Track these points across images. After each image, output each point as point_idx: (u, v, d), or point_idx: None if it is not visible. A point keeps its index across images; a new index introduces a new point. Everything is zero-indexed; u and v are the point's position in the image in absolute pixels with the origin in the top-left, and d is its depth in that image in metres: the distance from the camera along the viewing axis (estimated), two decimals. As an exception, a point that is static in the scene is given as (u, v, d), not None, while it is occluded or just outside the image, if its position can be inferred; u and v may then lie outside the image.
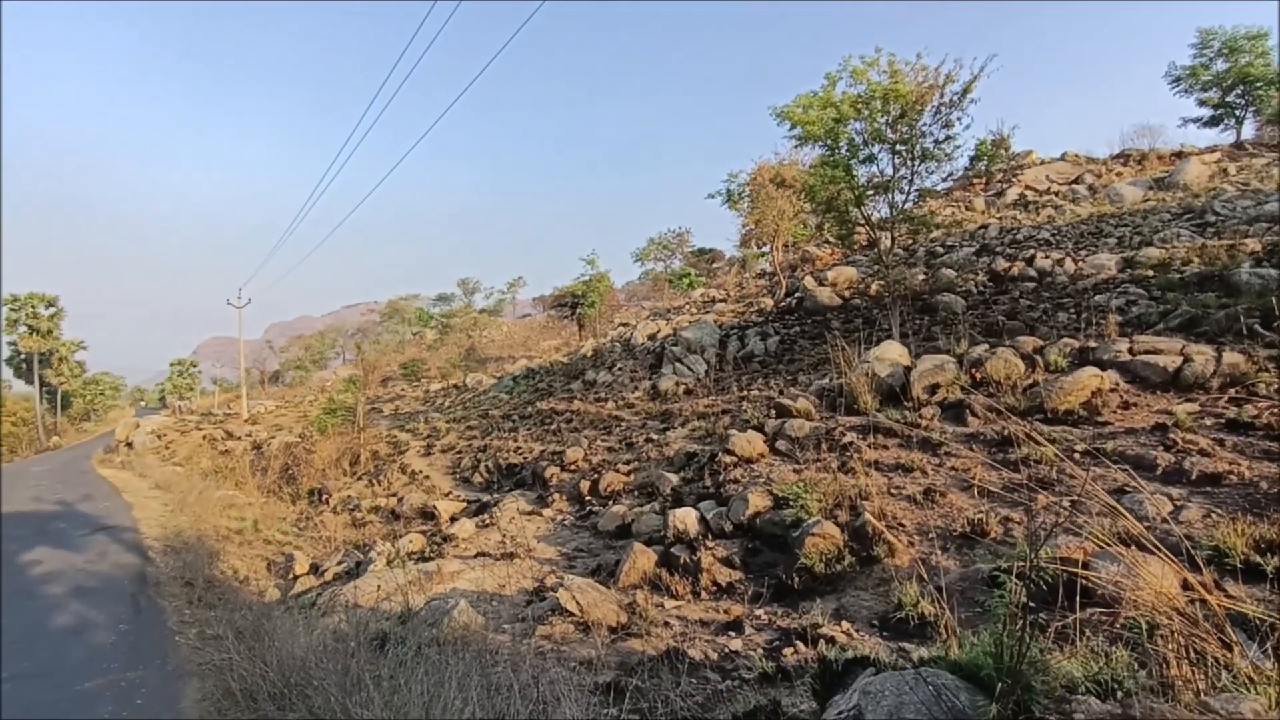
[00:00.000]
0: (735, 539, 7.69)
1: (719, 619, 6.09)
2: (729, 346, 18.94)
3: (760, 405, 12.33)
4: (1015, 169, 31.19)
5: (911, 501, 7.08)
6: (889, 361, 10.39)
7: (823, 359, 15.09)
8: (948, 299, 16.25)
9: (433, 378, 43.42)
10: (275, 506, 18.10)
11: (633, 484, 11.00)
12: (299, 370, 67.75)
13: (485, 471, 15.78)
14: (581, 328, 39.06)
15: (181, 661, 6.41)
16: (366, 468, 20.18)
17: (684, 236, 46.77)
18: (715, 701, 4.34)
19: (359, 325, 79.73)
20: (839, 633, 5.24)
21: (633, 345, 24.15)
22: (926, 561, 5.89)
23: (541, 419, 19.19)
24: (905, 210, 15.34)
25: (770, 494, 7.93)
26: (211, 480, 21.13)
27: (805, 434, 9.45)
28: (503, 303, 69.80)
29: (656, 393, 17.39)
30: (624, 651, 5.48)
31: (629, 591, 6.93)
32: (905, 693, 2.97)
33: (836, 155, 14.78)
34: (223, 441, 30.86)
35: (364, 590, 7.80)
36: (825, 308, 19.03)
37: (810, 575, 6.33)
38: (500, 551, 9.38)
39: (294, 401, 45.13)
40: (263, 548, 13.38)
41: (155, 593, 9.19)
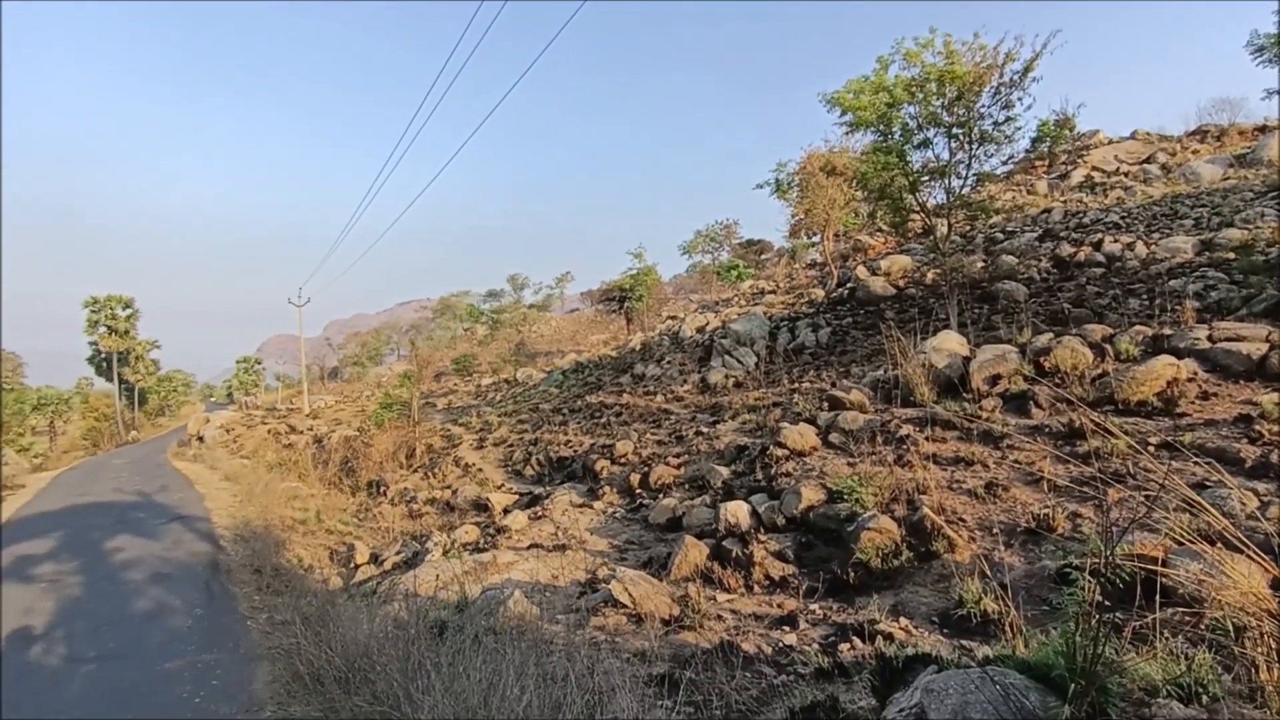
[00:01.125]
0: (788, 533, 7.59)
1: (772, 613, 6.03)
2: (779, 338, 18.69)
3: (812, 398, 12.13)
4: (1081, 149, 29.79)
5: (972, 496, 6.86)
6: (947, 352, 10.08)
7: (876, 350, 14.76)
8: (1009, 287, 15.66)
9: (484, 373, 44.20)
10: (336, 498, 18.70)
11: (683, 477, 10.97)
12: (356, 366, 69.86)
13: (536, 464, 15.99)
14: (629, 322, 39.14)
15: (252, 645, 6.69)
16: (422, 461, 20.68)
17: (732, 228, 46.28)
18: (771, 696, 4.29)
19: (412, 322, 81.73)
20: (897, 629, 5.12)
21: (681, 338, 24.08)
22: (989, 558, 5.70)
23: (591, 412, 19.33)
24: (962, 196, 14.82)
25: (824, 487, 7.80)
26: (276, 472, 21.93)
27: (859, 427, 9.26)
28: (551, 298, 70.46)
29: (706, 386, 17.30)
30: (677, 644, 5.47)
31: (681, 584, 6.92)
32: (970, 691, 2.87)
33: (890, 141, 14.37)
34: (286, 435, 32.07)
35: (422, 579, 7.99)
36: (878, 298, 18.58)
37: (866, 570, 6.21)
38: (552, 543, 9.49)
39: (352, 397, 46.58)
40: (325, 537, 13.85)
41: (227, 579, 9.61)
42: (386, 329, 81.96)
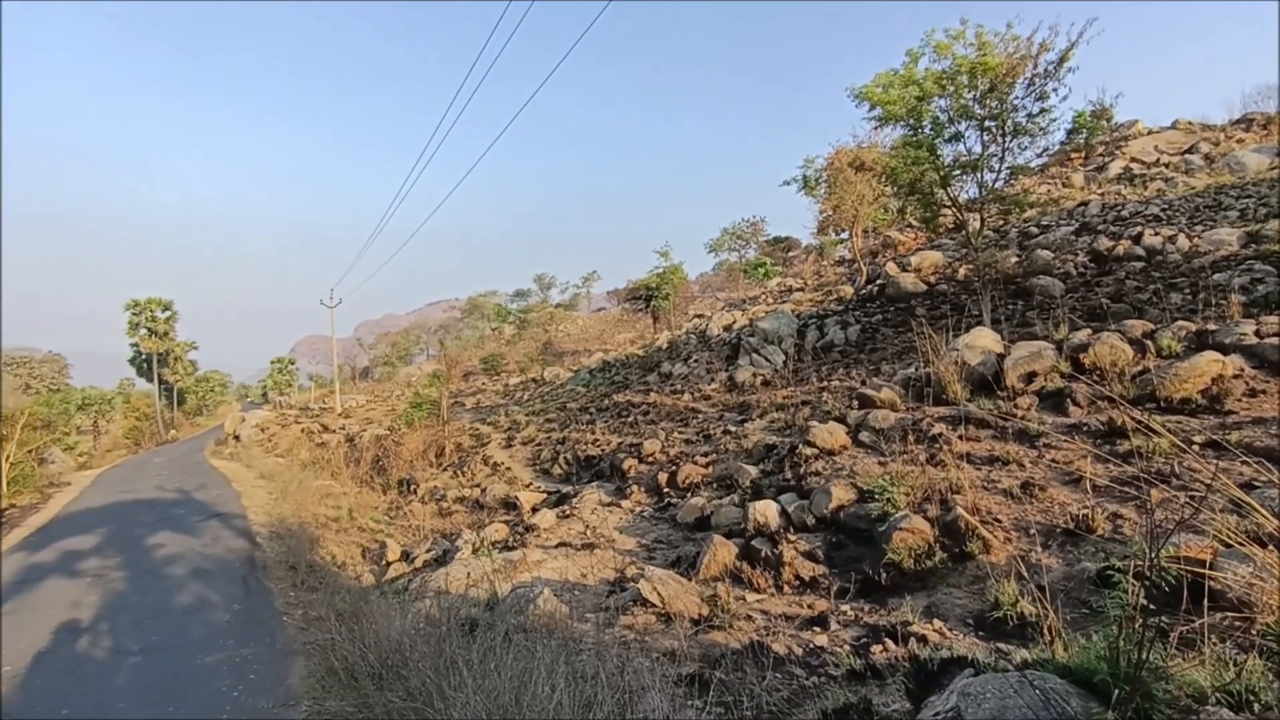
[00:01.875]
0: (818, 532, 7.51)
1: (802, 614, 5.97)
2: (807, 336, 18.53)
3: (841, 396, 12.00)
4: (1119, 140, 29.00)
5: (1008, 496, 6.72)
6: (980, 349, 9.90)
7: (907, 348, 14.55)
8: (1044, 282, 15.31)
9: (511, 372, 44.54)
10: (368, 496, 19.00)
11: (711, 476, 10.93)
12: (386, 366, 70.90)
13: (564, 463, 16.06)
14: (656, 320, 39.11)
15: (288, 640, 6.83)
16: (451, 459, 20.92)
17: (758, 225, 45.97)
18: (802, 697, 4.25)
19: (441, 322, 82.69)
20: (931, 631, 5.04)
21: (708, 337, 24.00)
22: (1025, 559, 5.57)
23: (618, 411, 19.36)
24: (995, 190, 14.53)
25: (854, 487, 7.70)
26: (310, 471, 22.36)
27: (890, 425, 9.12)
28: (578, 297, 70.70)
29: (733, 384, 17.22)
30: (706, 644, 5.45)
31: (709, 584, 6.89)
32: (1009, 695, 2.81)
33: (920, 135, 14.14)
34: (319, 434, 32.68)
35: (452, 577, 8.08)
36: (909, 294, 18.30)
37: (898, 571, 6.11)
38: (581, 541, 9.52)
39: (383, 396, 47.29)
40: (357, 535, 14.07)
41: (263, 575, 9.82)
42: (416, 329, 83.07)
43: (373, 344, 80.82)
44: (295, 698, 5.30)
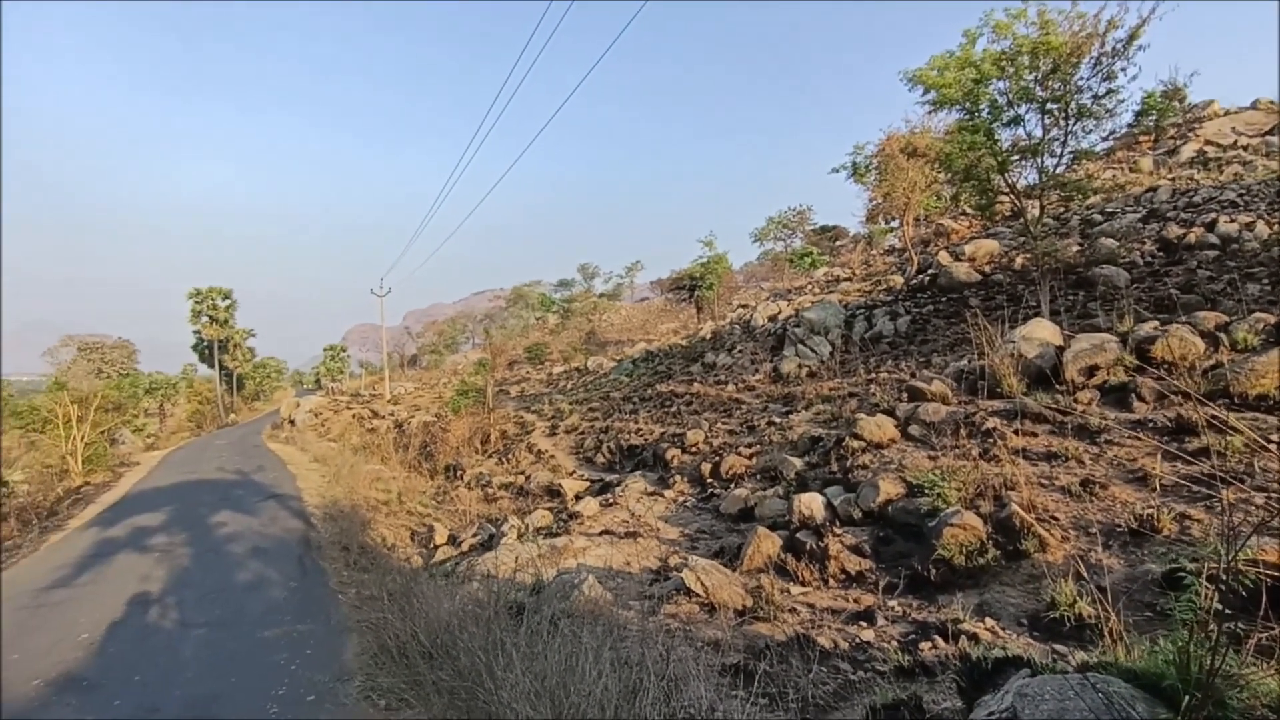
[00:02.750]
0: (864, 526, 7.38)
1: (848, 608, 5.89)
2: (855, 327, 18.17)
3: (890, 388, 11.74)
4: (1192, 122, 27.49)
5: (1066, 493, 6.48)
6: (1038, 341, 9.54)
7: (959, 339, 14.14)
8: (1108, 271, 14.66)
9: (555, 361, 44.94)
10: (416, 481, 19.46)
11: (754, 467, 10.85)
12: (433, 354, 72.34)
13: (607, 452, 16.15)
14: (699, 310, 38.91)
15: (342, 619, 7.06)
16: (496, 446, 21.26)
17: (805, 214, 45.14)
18: (849, 692, 4.20)
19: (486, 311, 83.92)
20: (982, 630, 4.91)
21: (752, 327, 23.76)
22: (1085, 559, 5.38)
23: (661, 401, 19.36)
24: (1056, 175, 13.93)
25: (903, 481, 7.54)
26: (361, 455, 23.01)
27: (941, 419, 8.89)
28: (621, 287, 70.84)
29: (778, 375, 17.02)
30: (750, 635, 5.42)
31: (753, 575, 6.85)
32: (1069, 698, 2.71)
33: (976, 119, 13.63)
34: (369, 420, 33.59)
35: (498, 561, 8.22)
36: (962, 284, 17.76)
37: (948, 568, 5.97)
38: (624, 530, 9.57)
39: (430, 383, 48.30)
40: (406, 518, 14.43)
41: (318, 555, 10.17)
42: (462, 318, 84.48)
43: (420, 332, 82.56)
44: (349, 673, 5.48)
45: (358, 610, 7.25)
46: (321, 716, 4.70)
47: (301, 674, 5.58)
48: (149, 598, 8.28)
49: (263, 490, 16.77)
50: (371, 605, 7.08)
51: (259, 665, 5.87)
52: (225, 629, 6.96)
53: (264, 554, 10.28)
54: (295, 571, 9.26)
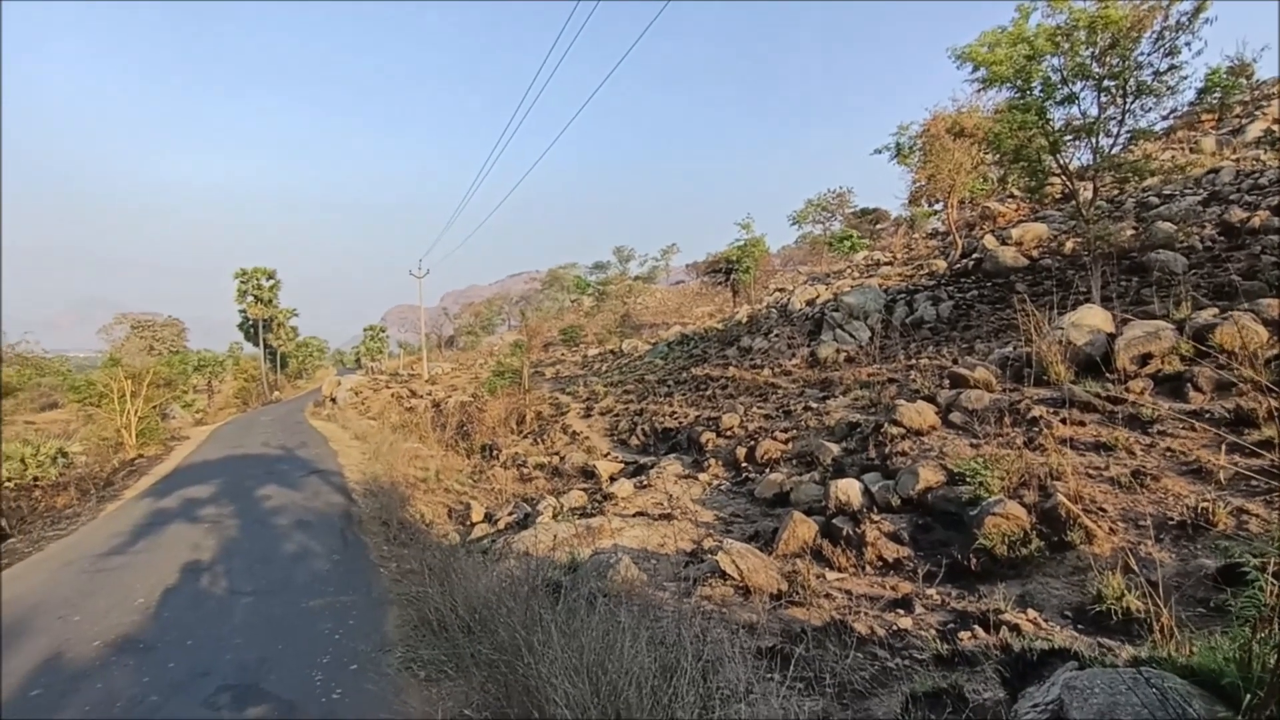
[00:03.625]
0: (903, 514, 7.28)
1: (886, 595, 5.83)
2: (895, 312, 17.82)
3: (931, 375, 11.51)
4: (1260, 100, 26.09)
5: (1115, 484, 6.29)
6: (1088, 328, 9.24)
7: (1004, 325, 13.76)
8: (1164, 256, 14.09)
9: (590, 343, 45.13)
10: (453, 459, 19.79)
11: (790, 452, 10.76)
12: (470, 335, 73.25)
13: (641, 434, 16.20)
14: (736, 294, 38.59)
15: (383, 591, 7.23)
16: (531, 427, 21.49)
17: (845, 196, 44.25)
18: (886, 678, 4.15)
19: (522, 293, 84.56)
20: (1024, 621, 4.82)
21: (790, 311, 23.49)
22: (1134, 552, 5.22)
23: (696, 385, 19.31)
24: (1112, 156, 13.38)
25: (943, 469, 7.40)
26: (400, 433, 23.46)
27: (984, 406, 8.69)
28: (656, 270, 70.66)
29: (815, 360, 16.82)
30: (785, 619, 5.40)
31: (788, 560, 6.82)
32: (1120, 692, 2.64)
33: (1028, 97, 13.13)
34: (408, 399, 34.23)
35: (533, 540, 8.33)
36: (1008, 269, 17.24)
37: (990, 558, 5.86)
38: (658, 512, 9.60)
39: (466, 364, 48.97)
40: (443, 495, 14.70)
41: (359, 529, 10.42)
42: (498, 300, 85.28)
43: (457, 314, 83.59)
44: (390, 644, 5.62)
45: (398, 583, 7.42)
46: (365, 685, 4.83)
47: (345, 643, 5.74)
48: (200, 565, 8.60)
49: (306, 465, 17.24)
50: (411, 579, 7.24)
51: (304, 633, 6.06)
52: (272, 597, 7.20)
53: (308, 527, 10.58)
54: (338, 544, 9.51)
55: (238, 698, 4.82)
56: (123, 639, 6.13)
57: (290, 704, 4.67)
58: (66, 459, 17.43)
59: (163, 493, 14.47)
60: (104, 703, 4.85)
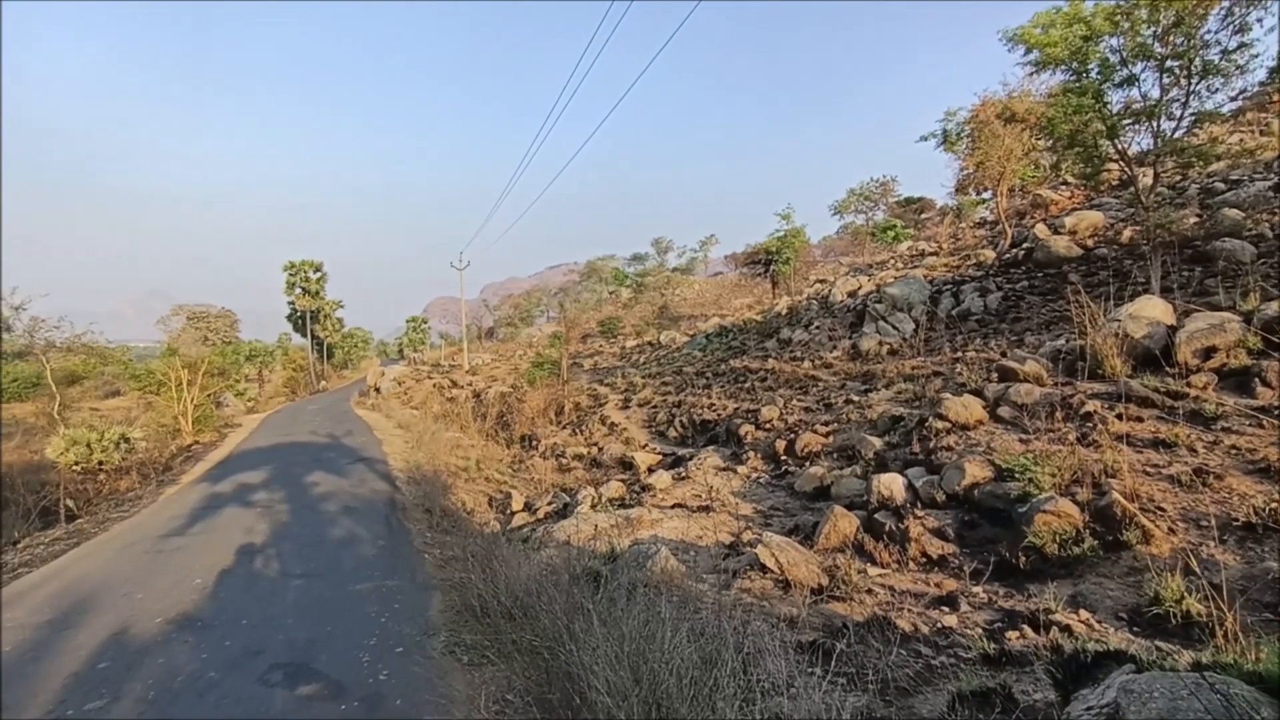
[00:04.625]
0: (947, 510, 7.13)
1: (929, 592, 5.71)
2: (941, 304, 17.38)
3: (978, 368, 11.21)
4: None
5: (1175, 483, 6.05)
6: (1146, 320, 8.88)
7: (1056, 317, 13.32)
8: (1230, 245, 13.42)
9: (628, 335, 45.17)
10: (493, 449, 20.09)
11: (831, 446, 10.62)
12: (509, 327, 73.98)
13: (680, 426, 16.18)
14: (775, 285, 38.15)
15: (426, 577, 7.39)
16: (570, 418, 21.64)
17: (888, 185, 43.21)
18: (930, 676, 4.08)
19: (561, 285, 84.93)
20: (1076, 622, 4.67)
21: (831, 303, 23.13)
22: (1195, 553, 5.01)
23: (735, 377, 19.19)
24: (1174, 140, 12.77)
25: (991, 464, 7.22)
26: (441, 423, 23.88)
27: (1035, 400, 8.43)
28: (695, 261, 70.14)
29: (857, 352, 16.54)
30: (826, 613, 5.34)
31: (828, 554, 6.74)
32: (1181, 697, 2.54)
33: (1084, 80, 12.60)
34: (449, 389, 34.80)
35: (572, 530, 8.40)
36: (1061, 259, 16.65)
37: (1039, 556, 5.70)
38: (696, 504, 9.59)
39: (506, 355, 49.52)
40: (484, 485, 14.93)
41: (403, 516, 10.66)
42: (537, 292, 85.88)
43: (497, 305, 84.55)
44: (435, 628, 5.74)
45: (441, 569, 7.57)
46: (410, 667, 4.94)
47: (390, 626, 5.89)
48: (253, 548, 8.92)
49: (352, 453, 17.69)
50: (454, 565, 7.38)
51: (352, 615, 6.24)
52: (321, 580, 7.42)
53: (354, 513, 10.86)
54: (383, 530, 9.75)
55: (290, 676, 4.99)
56: (183, 617, 6.40)
57: (339, 684, 4.82)
58: (129, 444, 18.20)
59: (218, 478, 15.02)
60: (166, 676, 5.07)
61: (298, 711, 4.46)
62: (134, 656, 5.50)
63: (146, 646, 5.71)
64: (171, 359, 27.96)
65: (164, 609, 6.64)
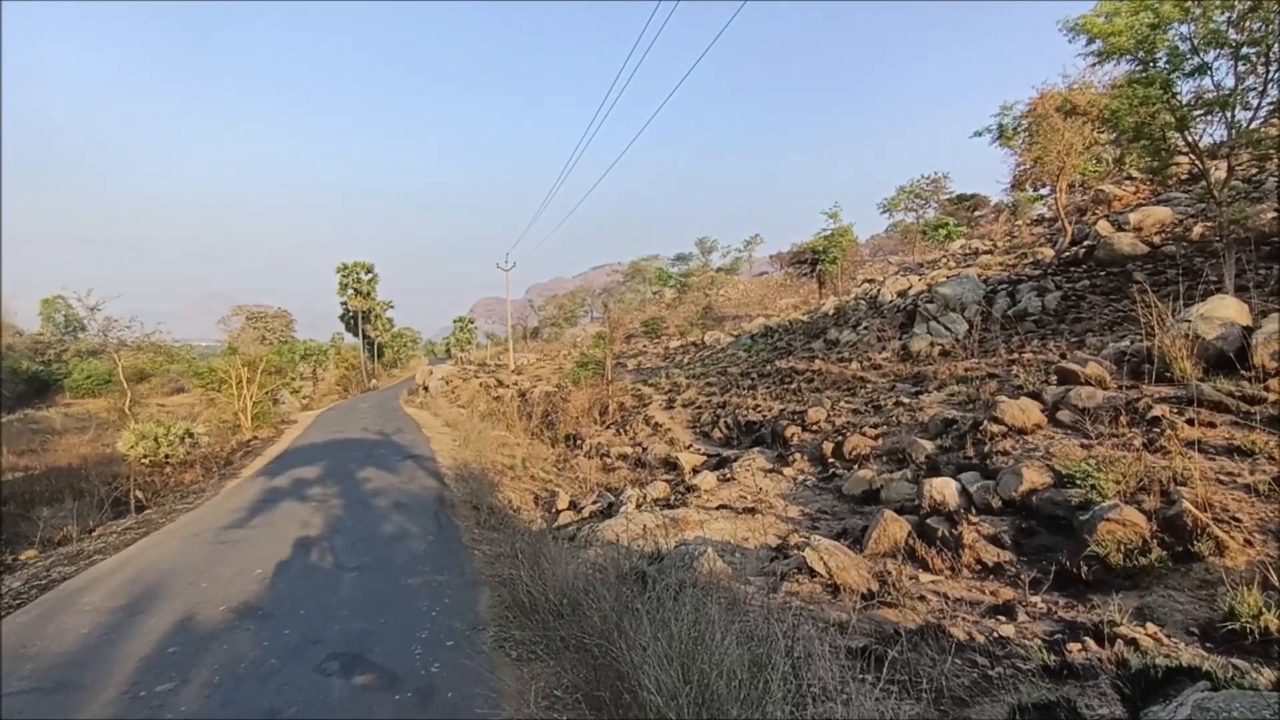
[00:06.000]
0: (1003, 516, 6.92)
1: (985, 600, 5.56)
2: (996, 303, 16.86)
3: (1035, 370, 10.85)
4: None
5: (1251, 492, 5.75)
6: (1220, 320, 8.45)
7: (1120, 318, 12.78)
8: (1311, 242, 12.66)
9: (672, 335, 45.12)
10: (538, 448, 20.29)
11: (880, 449, 10.41)
12: (554, 327, 74.70)
13: (724, 427, 16.09)
14: (821, 285, 37.60)
15: (475, 572, 7.51)
16: (614, 418, 21.72)
17: (940, 182, 42.00)
18: (988, 687, 3.96)
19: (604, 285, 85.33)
20: (1143, 635, 4.48)
21: (880, 303, 22.68)
22: (1275, 566, 4.75)
23: (781, 378, 18.97)
24: (1251, 131, 12.10)
25: (1050, 470, 6.98)
26: (487, 422, 24.24)
27: (1097, 404, 8.12)
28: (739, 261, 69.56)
29: (907, 354, 16.18)
30: (876, 620, 5.24)
31: (878, 559, 6.61)
32: (1264, 717, 2.41)
33: (1152, 70, 12.05)
34: (495, 388, 35.32)
35: (618, 529, 8.43)
36: (1125, 257, 15.96)
37: (1102, 565, 5.49)
38: (742, 505, 9.52)
39: (550, 355, 50.00)
40: (529, 483, 15.10)
41: (451, 513, 10.86)
42: (581, 292, 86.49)
43: (542, 306, 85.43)
44: (484, 623, 5.83)
45: (489, 565, 7.69)
46: (461, 661, 5.03)
47: (441, 620, 6.01)
48: (309, 541, 9.20)
49: (402, 450, 18.10)
50: (502, 562, 7.48)
51: (404, 609, 6.38)
52: (374, 573, 7.62)
53: (404, 508, 11.11)
54: (432, 526, 9.95)
55: (346, 666, 5.13)
56: (244, 606, 6.65)
57: (393, 674, 4.94)
58: (193, 439, 19.03)
59: (275, 472, 15.55)
60: (230, 662, 5.28)
61: (355, 700, 4.59)
62: (200, 642, 5.74)
63: (212, 633, 5.95)
64: (232, 357, 29.13)
65: (227, 597, 6.91)
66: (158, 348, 31.21)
